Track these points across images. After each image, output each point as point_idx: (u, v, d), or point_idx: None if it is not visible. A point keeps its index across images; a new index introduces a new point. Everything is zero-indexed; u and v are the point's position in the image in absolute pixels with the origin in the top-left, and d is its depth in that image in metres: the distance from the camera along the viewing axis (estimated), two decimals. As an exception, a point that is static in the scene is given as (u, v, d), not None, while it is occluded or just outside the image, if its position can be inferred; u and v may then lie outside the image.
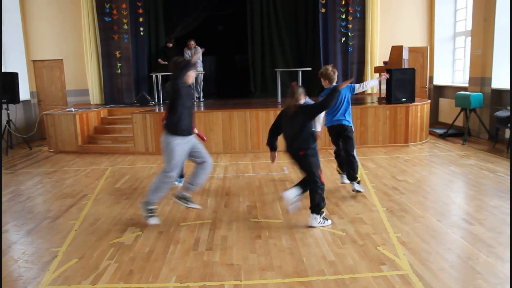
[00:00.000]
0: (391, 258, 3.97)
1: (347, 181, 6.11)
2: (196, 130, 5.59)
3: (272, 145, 5.08)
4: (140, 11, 11.64)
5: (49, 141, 10.05)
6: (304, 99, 4.82)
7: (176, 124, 4.84)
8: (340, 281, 3.58)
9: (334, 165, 7.62)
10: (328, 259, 4.00)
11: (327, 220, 4.89)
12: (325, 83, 5.86)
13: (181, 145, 4.89)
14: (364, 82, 6.33)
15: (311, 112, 4.88)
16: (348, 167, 5.90)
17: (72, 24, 11.70)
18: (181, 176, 6.54)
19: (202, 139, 5.93)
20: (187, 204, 5.18)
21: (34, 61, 12.05)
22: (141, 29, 11.72)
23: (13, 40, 11.26)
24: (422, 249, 4.15)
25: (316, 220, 4.80)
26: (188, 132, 4.95)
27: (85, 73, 11.69)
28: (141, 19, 11.67)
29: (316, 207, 4.78)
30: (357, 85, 6.04)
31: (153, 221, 4.98)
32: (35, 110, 12.10)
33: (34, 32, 11.83)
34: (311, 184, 4.80)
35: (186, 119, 4.89)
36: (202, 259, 4.10)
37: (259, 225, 4.94)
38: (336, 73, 5.83)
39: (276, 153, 5.12)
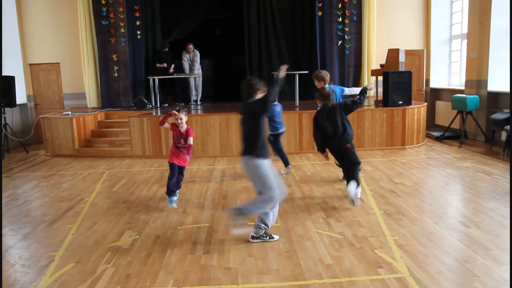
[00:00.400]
0: (388, 261, 3.98)
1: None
2: None
3: (323, 149, 5.82)
4: (137, 14, 11.64)
5: (46, 145, 10.03)
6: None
7: (263, 146, 4.47)
8: (337, 285, 3.58)
9: (332, 168, 7.64)
10: (325, 262, 4.00)
11: None
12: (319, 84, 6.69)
13: (269, 167, 4.47)
14: (352, 88, 7.00)
15: (349, 109, 5.86)
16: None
17: (69, 28, 11.69)
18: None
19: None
20: (269, 238, 4.58)
21: (30, 64, 12.03)
22: (138, 32, 11.71)
23: (9, 43, 11.23)
24: (419, 252, 4.16)
25: (354, 185, 5.49)
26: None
27: (82, 77, 11.67)
28: (138, 23, 11.67)
29: (356, 180, 5.60)
30: (346, 89, 7.13)
31: (238, 231, 4.50)
32: (31, 114, 12.08)
33: (31, 35, 11.82)
34: (356, 167, 5.69)
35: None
36: (200, 262, 4.10)
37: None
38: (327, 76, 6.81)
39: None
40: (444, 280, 3.60)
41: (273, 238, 4.56)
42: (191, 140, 5.83)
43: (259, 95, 4.46)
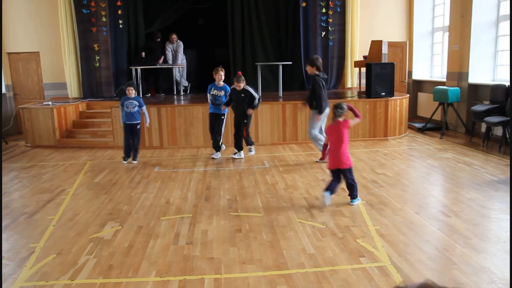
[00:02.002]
0: (370, 250, 4.02)
1: None
2: None
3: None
4: (119, 3, 11.43)
5: (26, 136, 9.86)
6: None
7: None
8: (320, 274, 3.61)
9: (314, 158, 7.67)
10: (308, 252, 4.03)
11: None
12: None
13: None
14: None
15: None
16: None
17: (49, 16, 11.43)
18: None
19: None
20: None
21: (9, 53, 11.79)
22: (120, 21, 11.53)
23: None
24: (400, 241, 4.21)
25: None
26: None
27: (63, 66, 11.47)
28: (120, 12, 11.48)
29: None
30: None
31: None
32: (10, 104, 11.85)
33: (9, 23, 11.53)
34: None
35: None
36: (182, 253, 4.09)
37: (240, 219, 4.94)
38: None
39: None
40: (424, 268, 3.66)
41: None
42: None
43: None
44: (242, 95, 7.63)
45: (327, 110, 7.27)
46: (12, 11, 11.48)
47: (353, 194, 5.31)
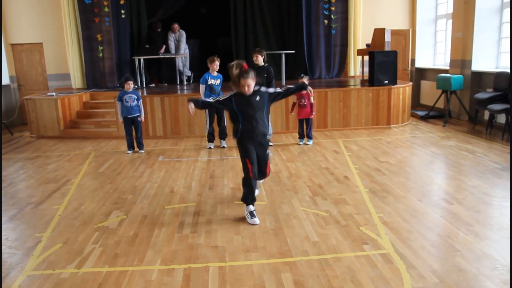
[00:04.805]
0: (373, 238, 4.06)
1: None
2: None
3: None
4: (121, -7, 11.41)
5: (31, 126, 9.92)
6: None
7: None
8: (323, 261, 3.65)
9: (317, 147, 7.69)
10: (311, 239, 4.07)
11: None
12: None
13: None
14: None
15: None
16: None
17: (51, 6, 11.40)
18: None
19: None
20: None
21: (12, 44, 11.79)
22: (122, 11, 11.49)
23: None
24: (403, 229, 4.24)
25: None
26: None
27: (66, 57, 11.48)
28: (122, 1, 11.41)
29: None
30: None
31: None
32: (15, 95, 11.89)
33: (12, 14, 11.52)
34: None
35: None
36: (187, 241, 4.13)
37: (244, 207, 4.97)
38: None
39: None
40: (427, 255, 3.69)
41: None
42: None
43: None
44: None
45: None
46: (15, 2, 11.46)
47: None
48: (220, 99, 4.58)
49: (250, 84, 4.33)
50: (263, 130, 4.54)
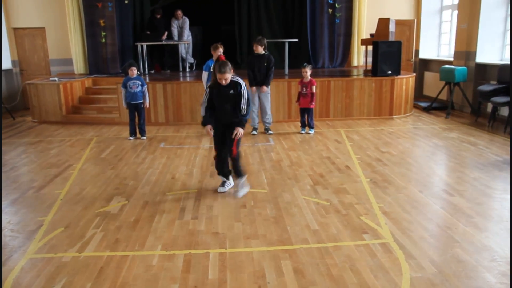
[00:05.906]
0: (373, 227, 4.07)
1: None
2: None
3: None
4: (124, -22, 11.34)
5: (33, 111, 9.92)
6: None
7: None
8: (323, 249, 3.67)
9: (319, 136, 7.68)
10: (312, 228, 4.08)
11: None
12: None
13: None
14: None
15: None
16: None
17: (54, -9, 11.38)
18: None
19: None
20: None
21: (15, 28, 11.75)
22: (126, -3, 11.44)
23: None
24: (403, 219, 4.25)
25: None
26: None
27: (69, 42, 11.45)
28: (125, -13, 11.39)
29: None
30: None
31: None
32: (17, 80, 11.87)
33: (15, -2, 11.49)
34: None
35: None
36: (188, 227, 4.15)
37: (244, 194, 4.99)
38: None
39: None
40: (426, 245, 3.70)
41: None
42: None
43: None
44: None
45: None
46: (17, -15, 11.40)
47: None
48: (205, 98, 4.91)
49: (227, 78, 4.70)
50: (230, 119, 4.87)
